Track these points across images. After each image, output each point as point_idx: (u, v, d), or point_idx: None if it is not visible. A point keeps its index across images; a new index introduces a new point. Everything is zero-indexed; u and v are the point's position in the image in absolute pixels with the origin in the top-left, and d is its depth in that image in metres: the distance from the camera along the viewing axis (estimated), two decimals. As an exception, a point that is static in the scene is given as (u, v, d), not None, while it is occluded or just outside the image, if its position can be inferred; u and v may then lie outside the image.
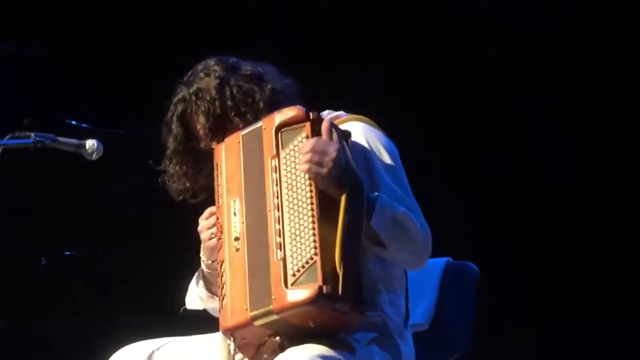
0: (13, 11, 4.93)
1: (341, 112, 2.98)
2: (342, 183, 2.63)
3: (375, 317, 2.74)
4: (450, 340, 3.33)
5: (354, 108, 3.02)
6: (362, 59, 4.90)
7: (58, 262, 4.33)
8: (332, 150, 2.64)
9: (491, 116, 4.90)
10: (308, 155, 2.64)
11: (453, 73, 4.91)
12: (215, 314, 3.02)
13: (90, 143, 3.09)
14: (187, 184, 3.02)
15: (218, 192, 2.83)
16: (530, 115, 4.97)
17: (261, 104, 2.89)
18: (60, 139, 3.08)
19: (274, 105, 2.88)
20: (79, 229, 4.39)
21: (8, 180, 3.32)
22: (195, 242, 3.05)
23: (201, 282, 3.04)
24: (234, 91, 2.90)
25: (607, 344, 4.71)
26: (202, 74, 2.95)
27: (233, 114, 2.89)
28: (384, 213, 2.70)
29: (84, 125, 4.24)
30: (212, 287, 2.99)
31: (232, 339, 2.73)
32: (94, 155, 3.10)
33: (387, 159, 2.86)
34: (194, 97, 2.93)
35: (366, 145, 2.84)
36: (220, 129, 2.91)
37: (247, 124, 2.87)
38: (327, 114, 2.96)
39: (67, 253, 4.35)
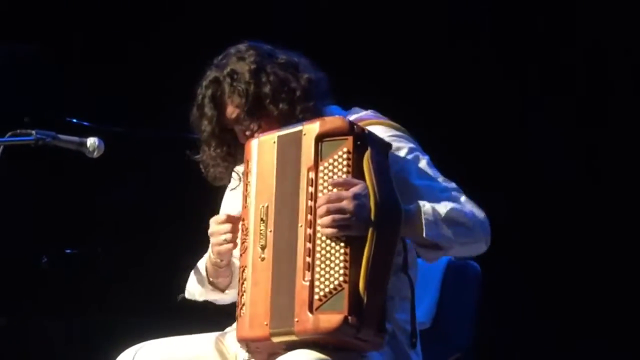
0: (13, 10, 4.93)
1: (368, 113, 2.92)
2: (368, 222, 2.56)
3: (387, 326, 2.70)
4: (451, 339, 3.33)
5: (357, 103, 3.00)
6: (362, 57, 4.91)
7: (59, 260, 4.32)
8: (348, 204, 2.56)
9: (491, 116, 4.90)
10: (327, 220, 2.56)
11: (453, 73, 4.92)
12: (217, 303, 3.01)
13: (92, 141, 3.08)
14: (227, 168, 2.95)
15: (246, 190, 2.73)
16: (530, 115, 4.97)
17: (298, 93, 2.83)
18: (61, 136, 3.07)
19: (310, 96, 2.83)
20: (80, 227, 4.38)
21: (9, 178, 3.32)
22: (196, 239, 3.05)
23: (193, 279, 3.01)
24: (271, 78, 2.83)
25: (608, 343, 4.72)
26: (235, 58, 2.88)
27: (268, 101, 2.82)
28: (433, 220, 2.67)
29: (85, 123, 4.23)
30: (214, 279, 2.95)
31: (246, 347, 2.71)
32: (95, 153, 3.09)
33: (415, 160, 2.81)
34: (228, 79, 2.85)
35: (394, 151, 2.76)
36: (256, 113, 2.83)
37: (281, 113, 2.82)
38: (354, 111, 2.92)
39: (68, 251, 4.35)
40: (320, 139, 2.63)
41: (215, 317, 3.05)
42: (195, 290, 3.03)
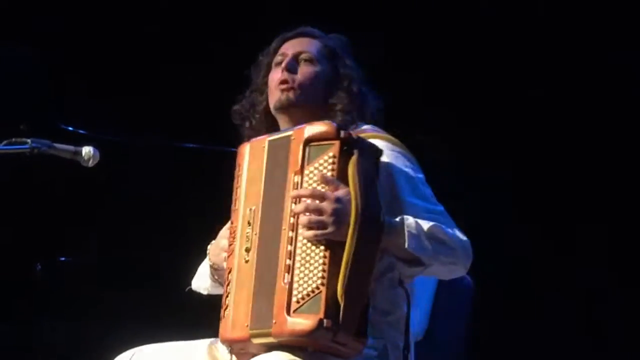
0: (11, 13, 4.93)
1: (368, 127, 2.95)
2: (347, 227, 2.58)
3: (376, 344, 2.72)
4: (443, 350, 3.34)
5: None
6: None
7: (53, 268, 4.33)
8: (328, 205, 2.59)
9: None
10: (305, 219, 2.60)
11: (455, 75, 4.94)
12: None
13: (87, 150, 3.08)
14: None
15: (236, 194, 2.78)
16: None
17: (349, 108, 2.94)
18: (57, 145, 3.07)
19: (360, 110, 2.95)
20: (75, 235, 4.39)
21: (4, 185, 3.32)
22: (191, 247, 3.07)
23: (199, 273, 3.06)
24: (345, 70, 2.98)
25: (606, 344, 4.76)
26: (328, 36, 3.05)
27: (331, 81, 2.96)
28: (416, 234, 2.68)
29: (80, 131, 4.24)
30: (216, 276, 3.01)
31: (230, 348, 2.75)
32: (90, 162, 3.09)
33: (408, 176, 2.82)
34: (327, 42, 3.01)
35: (388, 164, 2.79)
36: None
37: (338, 103, 2.93)
38: (353, 128, 2.93)
39: (62, 259, 4.35)
40: (307, 143, 2.66)
41: (209, 324, 3.07)
42: (200, 284, 3.07)
